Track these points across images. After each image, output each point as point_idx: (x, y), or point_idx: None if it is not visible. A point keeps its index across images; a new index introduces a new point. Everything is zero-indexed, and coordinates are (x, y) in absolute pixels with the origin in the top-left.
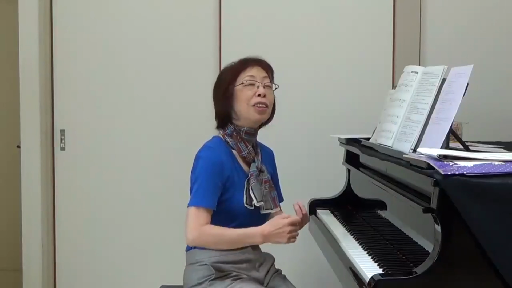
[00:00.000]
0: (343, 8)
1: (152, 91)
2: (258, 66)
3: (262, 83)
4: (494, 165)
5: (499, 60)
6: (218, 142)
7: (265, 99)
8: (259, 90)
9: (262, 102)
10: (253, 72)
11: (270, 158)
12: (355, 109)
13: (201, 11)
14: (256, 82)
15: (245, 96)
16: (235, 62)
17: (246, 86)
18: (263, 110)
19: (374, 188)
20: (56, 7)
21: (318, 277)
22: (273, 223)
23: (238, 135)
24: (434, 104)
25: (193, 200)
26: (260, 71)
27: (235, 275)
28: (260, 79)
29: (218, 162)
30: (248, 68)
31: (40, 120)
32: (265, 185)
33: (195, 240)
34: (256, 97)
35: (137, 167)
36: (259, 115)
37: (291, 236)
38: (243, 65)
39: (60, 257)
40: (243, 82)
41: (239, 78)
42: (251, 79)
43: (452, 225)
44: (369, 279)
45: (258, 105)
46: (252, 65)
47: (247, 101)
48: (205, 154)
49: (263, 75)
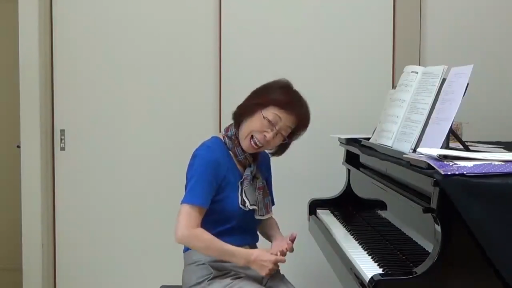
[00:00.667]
0: (343, 8)
1: (152, 91)
2: (292, 115)
3: (278, 130)
4: (494, 165)
5: (499, 60)
6: (217, 142)
7: (266, 143)
8: (267, 134)
9: (260, 144)
10: (281, 116)
11: (266, 161)
12: (355, 109)
13: (201, 11)
14: (274, 127)
15: (253, 125)
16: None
17: (264, 119)
18: (257, 149)
19: (374, 188)
20: (56, 7)
21: (318, 277)
22: (261, 254)
23: (237, 140)
24: (434, 104)
25: (187, 198)
26: (289, 119)
27: (234, 274)
28: (282, 126)
29: (215, 162)
30: (284, 111)
31: (40, 120)
32: (259, 191)
33: (183, 239)
34: (260, 133)
35: (137, 167)
36: (250, 150)
37: (269, 273)
38: (284, 103)
39: (60, 257)
40: (264, 116)
41: (269, 109)
42: (273, 119)
43: (452, 225)
44: (369, 279)
45: (253, 141)
46: (290, 110)
47: (251, 129)
48: (202, 153)
49: (287, 124)
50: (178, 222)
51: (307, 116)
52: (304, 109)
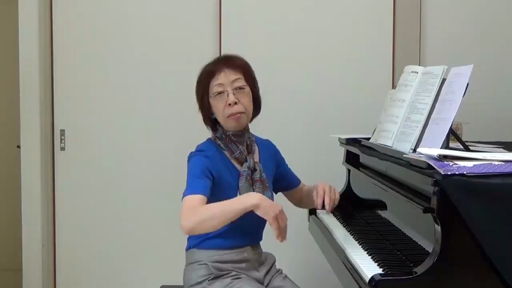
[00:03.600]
0: (343, 8)
1: (152, 91)
2: (225, 69)
3: (231, 89)
4: (494, 165)
5: (499, 60)
6: (210, 144)
7: (237, 106)
8: (229, 99)
9: (234, 112)
10: (220, 79)
11: (270, 150)
12: (355, 109)
13: (201, 11)
14: (225, 91)
15: (219, 109)
16: (207, 64)
17: (216, 97)
18: (238, 118)
19: (374, 188)
20: (56, 7)
21: (318, 277)
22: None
23: (227, 137)
24: (434, 104)
25: (186, 191)
26: (228, 74)
27: (235, 275)
28: (229, 85)
29: (207, 158)
30: (216, 76)
31: (40, 120)
32: (257, 184)
33: (190, 223)
34: (227, 107)
35: (137, 167)
36: (236, 124)
37: (275, 216)
38: (211, 73)
39: (60, 257)
40: (214, 93)
41: (211, 87)
42: (219, 88)
43: (452, 225)
44: (369, 279)
45: (232, 116)
46: (219, 70)
47: (221, 113)
48: (195, 153)
49: (232, 79)
50: (181, 214)
51: (232, 56)
52: (223, 57)
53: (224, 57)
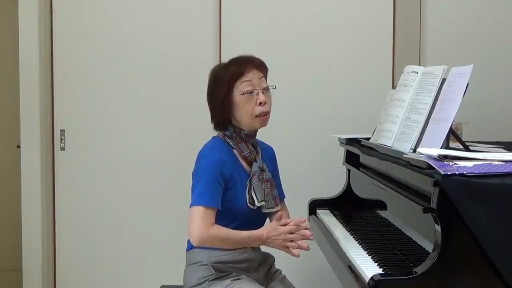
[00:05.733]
0: (343, 8)
1: (152, 91)
2: (253, 69)
3: (260, 88)
4: (494, 165)
5: (499, 60)
6: (219, 142)
7: (266, 106)
8: (259, 98)
9: (265, 111)
10: (249, 76)
11: (270, 155)
12: (355, 109)
13: (201, 11)
14: (255, 90)
15: (247, 108)
16: (227, 65)
17: (245, 96)
18: (266, 119)
19: (374, 188)
20: (56, 7)
21: (318, 277)
22: (271, 230)
23: (238, 136)
24: (434, 104)
25: (198, 200)
26: (256, 73)
27: (235, 276)
28: (258, 84)
29: (220, 161)
30: (245, 74)
31: (40, 120)
32: (267, 184)
33: (204, 241)
34: (258, 106)
35: (137, 167)
36: (262, 123)
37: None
38: (239, 70)
39: (60, 257)
40: (243, 92)
41: (237, 86)
42: (249, 86)
43: (452, 225)
44: (369, 279)
45: (261, 115)
46: (248, 68)
47: (250, 112)
48: (207, 153)
49: (259, 77)
50: (192, 224)
51: (254, 57)
52: (248, 57)
53: (249, 58)
